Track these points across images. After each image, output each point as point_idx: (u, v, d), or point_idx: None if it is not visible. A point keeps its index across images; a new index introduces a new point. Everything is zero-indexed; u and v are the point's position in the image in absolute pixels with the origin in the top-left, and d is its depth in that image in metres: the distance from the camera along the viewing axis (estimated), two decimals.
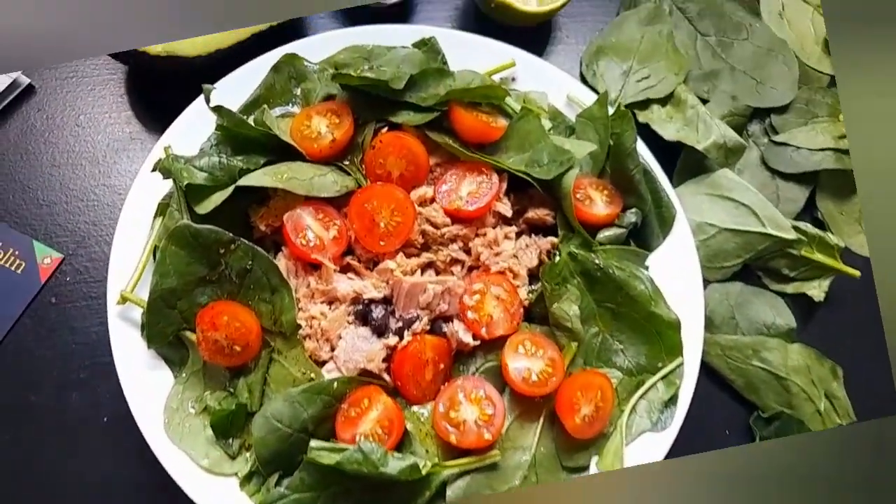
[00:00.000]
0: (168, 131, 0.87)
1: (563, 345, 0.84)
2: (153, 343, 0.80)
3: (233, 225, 0.82)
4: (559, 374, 0.80)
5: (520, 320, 0.84)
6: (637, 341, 0.85)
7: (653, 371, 0.85)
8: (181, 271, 0.78)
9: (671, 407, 0.84)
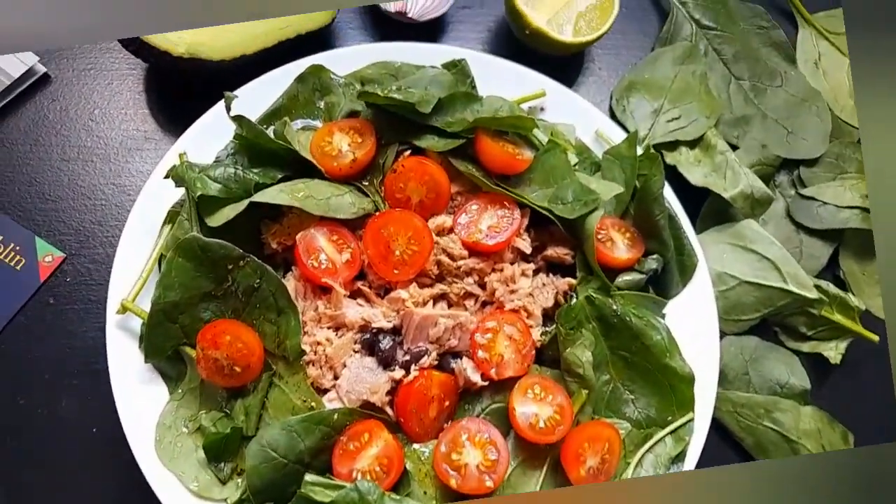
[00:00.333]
0: (184, 136, 0.84)
1: (573, 391, 0.81)
2: (151, 357, 0.77)
3: (243, 239, 0.80)
4: (567, 423, 0.78)
5: (531, 362, 0.81)
6: (648, 392, 0.83)
7: (662, 424, 0.82)
8: (186, 284, 0.76)
9: (678, 463, 0.82)
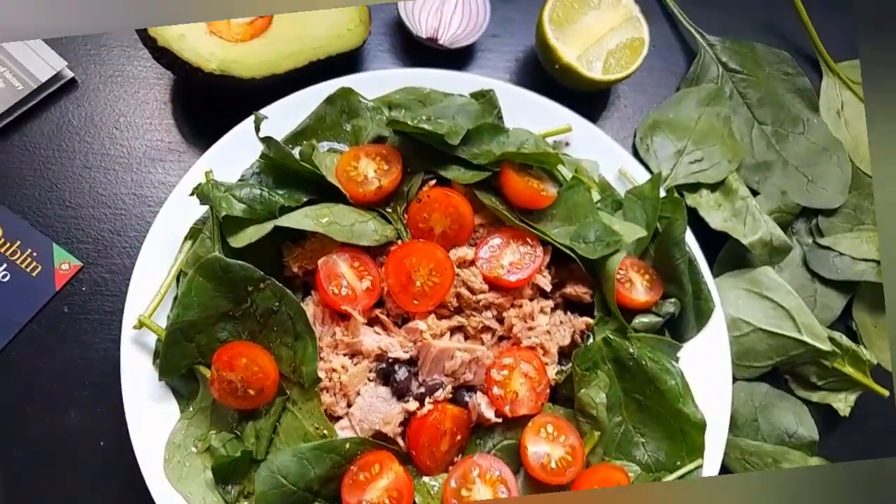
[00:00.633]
0: (209, 151, 0.84)
1: (585, 432, 0.81)
2: (165, 375, 0.76)
3: (264, 259, 0.79)
4: (578, 464, 0.77)
5: (545, 400, 0.81)
6: (659, 437, 0.83)
7: (671, 469, 0.82)
8: (205, 304, 0.75)
9: None
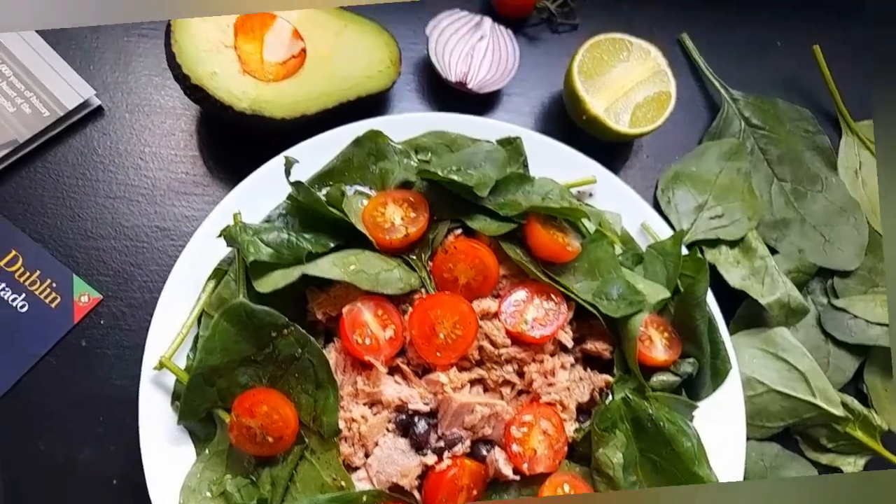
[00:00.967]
0: (235, 190, 0.84)
1: (601, 491, 0.81)
2: (185, 419, 0.76)
3: (287, 303, 0.79)
4: None
5: (562, 458, 0.81)
6: None
7: None
8: (227, 348, 0.75)
9: None
